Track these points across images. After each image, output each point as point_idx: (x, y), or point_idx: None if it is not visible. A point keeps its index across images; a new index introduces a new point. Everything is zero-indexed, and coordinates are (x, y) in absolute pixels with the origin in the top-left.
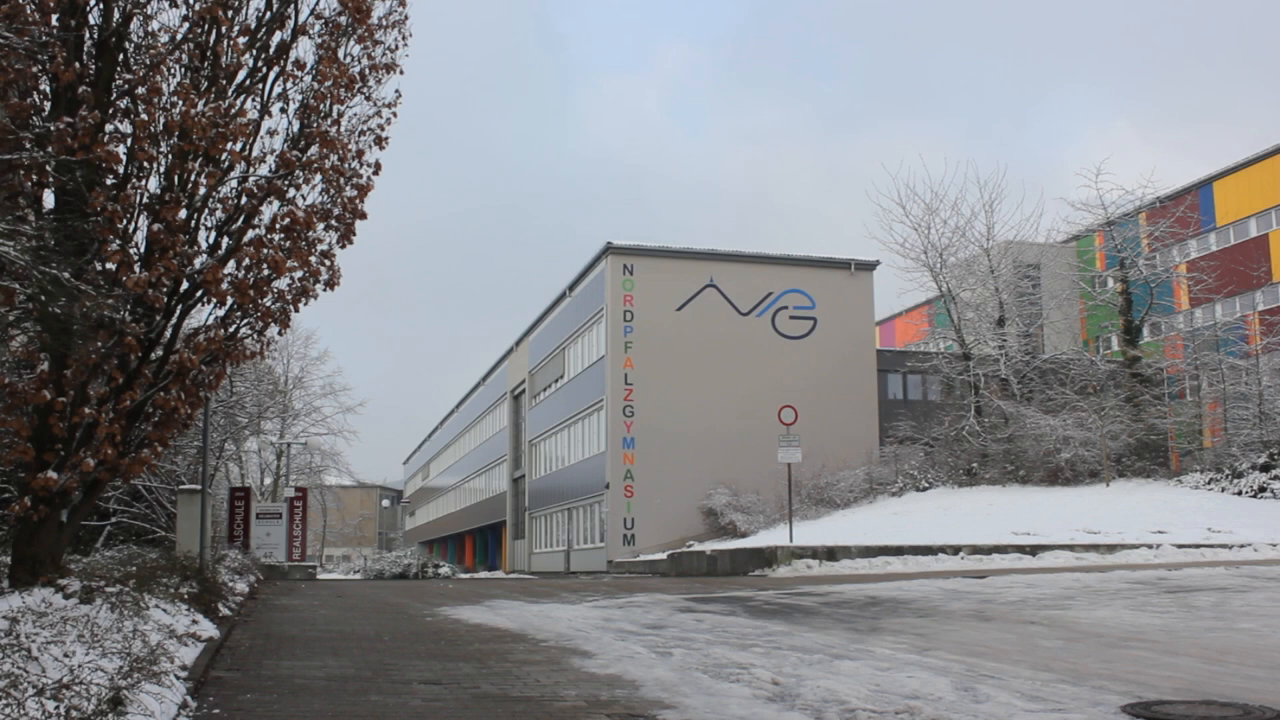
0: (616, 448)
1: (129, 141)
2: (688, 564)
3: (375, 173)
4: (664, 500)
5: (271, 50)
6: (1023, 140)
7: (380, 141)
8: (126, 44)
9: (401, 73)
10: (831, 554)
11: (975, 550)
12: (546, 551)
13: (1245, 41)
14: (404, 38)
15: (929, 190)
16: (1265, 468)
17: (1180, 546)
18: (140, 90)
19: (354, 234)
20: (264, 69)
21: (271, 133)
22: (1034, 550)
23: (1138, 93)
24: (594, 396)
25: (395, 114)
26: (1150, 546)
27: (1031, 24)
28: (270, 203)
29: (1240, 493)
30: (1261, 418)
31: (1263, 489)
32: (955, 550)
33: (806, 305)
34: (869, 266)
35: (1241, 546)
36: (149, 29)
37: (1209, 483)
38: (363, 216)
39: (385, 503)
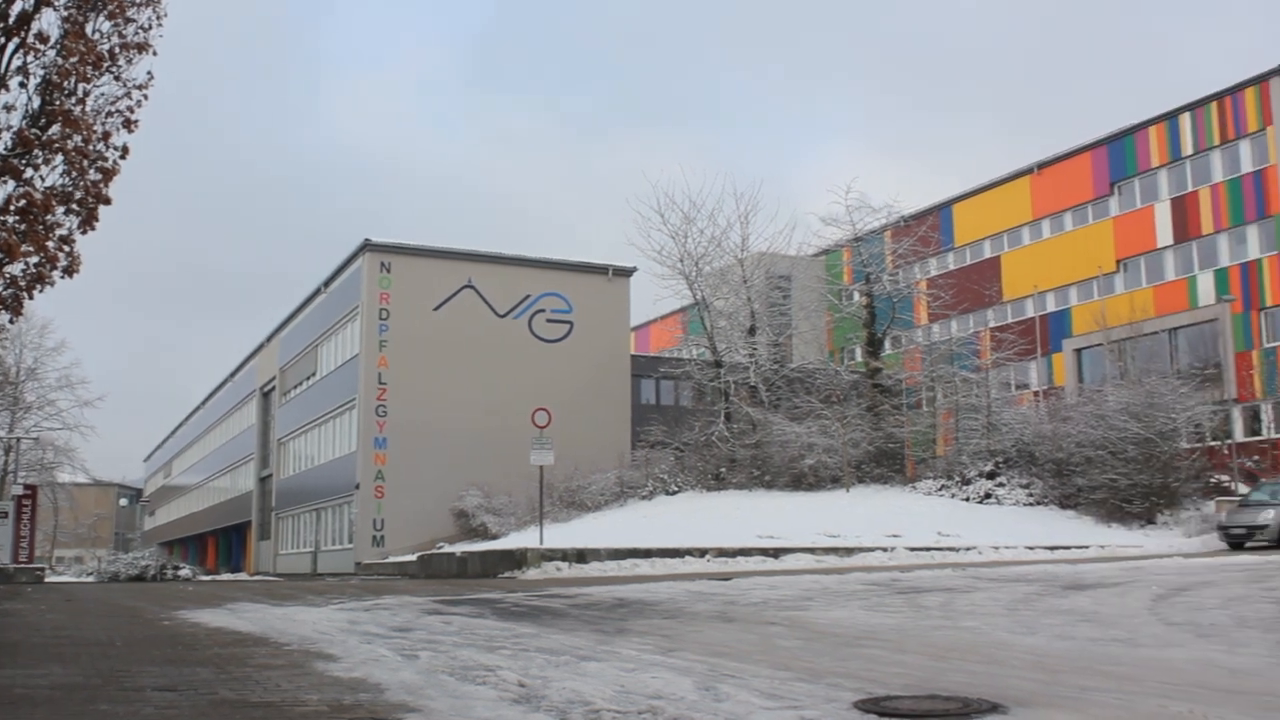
0: (368, 447)
1: None
2: (437, 566)
3: (123, 156)
4: (415, 501)
5: (11, 20)
6: (766, 152)
7: (130, 124)
8: None
9: (155, 54)
10: (582, 556)
11: (721, 553)
12: (293, 553)
13: (980, 69)
14: (158, 17)
15: (688, 200)
16: (991, 475)
17: (913, 549)
18: None
19: (97, 219)
20: (2, 40)
21: (9, 108)
22: (777, 553)
23: (875, 112)
24: (346, 395)
25: (146, 96)
26: (885, 549)
27: (780, 38)
28: (5, 182)
29: (968, 499)
30: (989, 428)
31: (988, 495)
32: (702, 553)
33: (564, 309)
34: (626, 273)
35: (968, 549)
36: None
37: (940, 489)
38: (107, 202)
39: (123, 502)
